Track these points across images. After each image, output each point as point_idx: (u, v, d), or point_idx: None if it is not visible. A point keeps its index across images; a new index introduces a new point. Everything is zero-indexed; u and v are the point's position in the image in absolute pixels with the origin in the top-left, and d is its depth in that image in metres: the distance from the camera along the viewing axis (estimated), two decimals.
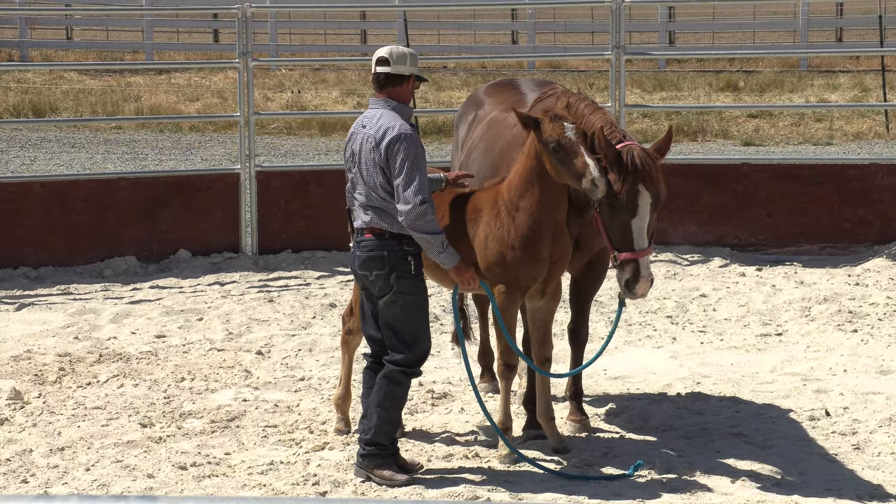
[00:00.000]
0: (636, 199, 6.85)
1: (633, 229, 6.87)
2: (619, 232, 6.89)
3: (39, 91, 23.20)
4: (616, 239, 6.91)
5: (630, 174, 6.83)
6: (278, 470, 7.01)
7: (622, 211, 6.85)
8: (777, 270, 11.61)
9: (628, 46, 15.02)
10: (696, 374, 8.79)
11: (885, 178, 12.13)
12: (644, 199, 6.87)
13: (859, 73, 25.33)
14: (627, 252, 6.86)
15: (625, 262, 6.87)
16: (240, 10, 12.13)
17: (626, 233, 6.87)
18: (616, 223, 6.89)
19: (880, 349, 9.32)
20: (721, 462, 7.11)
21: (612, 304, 10.48)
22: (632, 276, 6.86)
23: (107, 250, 11.80)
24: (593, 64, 26.63)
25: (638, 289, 6.86)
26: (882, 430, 7.57)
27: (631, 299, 7.06)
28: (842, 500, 6.55)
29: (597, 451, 7.28)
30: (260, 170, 12.23)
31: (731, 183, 12.26)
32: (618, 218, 6.87)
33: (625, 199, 6.82)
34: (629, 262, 6.86)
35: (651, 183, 6.88)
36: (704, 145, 18.94)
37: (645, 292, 6.90)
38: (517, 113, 6.91)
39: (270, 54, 27.63)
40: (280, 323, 10.14)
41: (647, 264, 6.88)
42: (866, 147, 18.65)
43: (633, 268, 6.86)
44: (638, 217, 6.87)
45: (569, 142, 6.66)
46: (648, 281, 6.87)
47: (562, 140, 6.67)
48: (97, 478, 6.90)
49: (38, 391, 8.39)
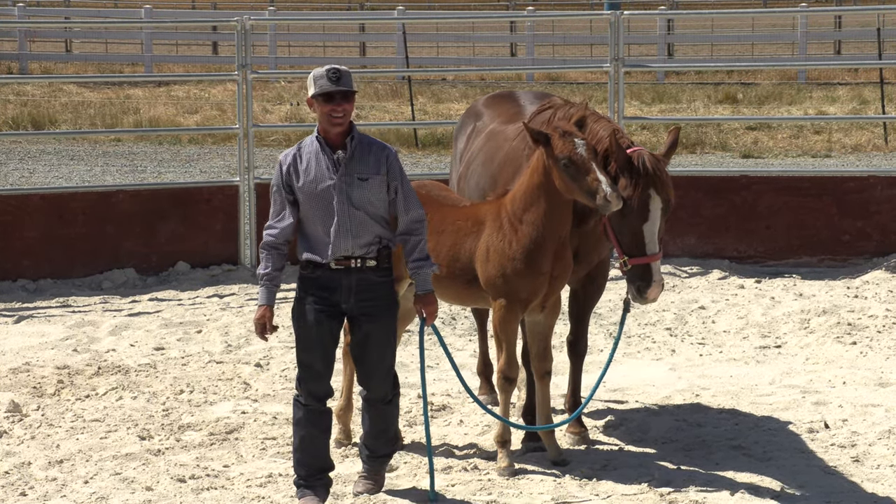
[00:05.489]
0: (648, 203, 6.87)
1: (644, 234, 6.88)
2: (630, 237, 6.91)
3: (38, 103, 23.23)
4: (627, 244, 6.92)
5: (641, 179, 6.85)
6: (277, 482, 7.00)
7: (633, 216, 6.87)
8: (776, 283, 11.62)
9: (627, 58, 15.06)
10: (695, 386, 8.79)
11: (884, 190, 12.15)
12: (655, 203, 6.89)
13: (858, 85, 25.37)
14: (639, 257, 6.88)
15: (636, 267, 6.88)
16: (239, 23, 12.16)
17: (638, 238, 6.89)
18: (627, 228, 6.90)
19: (879, 361, 9.32)
20: (720, 475, 7.10)
21: (611, 317, 10.49)
22: (643, 281, 6.87)
23: (106, 263, 11.80)
24: (592, 76, 26.66)
25: (650, 293, 6.88)
26: (881, 442, 7.56)
27: (641, 304, 7.08)
28: None
29: (596, 463, 7.28)
30: (259, 182, 12.24)
31: (730, 195, 12.28)
32: (629, 223, 6.89)
33: (636, 204, 6.84)
34: (641, 267, 6.87)
35: (662, 188, 6.91)
36: (703, 157, 18.97)
37: (656, 297, 6.92)
38: (527, 128, 6.84)
39: (269, 67, 27.66)
40: (279, 335, 10.13)
41: (659, 269, 6.90)
42: (865, 159, 18.68)
43: (644, 272, 6.87)
44: (649, 222, 6.89)
45: (580, 158, 6.64)
46: (660, 285, 6.89)
47: (573, 157, 6.64)
48: (96, 490, 6.90)
49: (36, 404, 8.39)
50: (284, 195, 6.49)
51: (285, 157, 6.51)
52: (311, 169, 6.44)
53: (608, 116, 8.73)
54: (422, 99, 23.63)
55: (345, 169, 6.42)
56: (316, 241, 6.54)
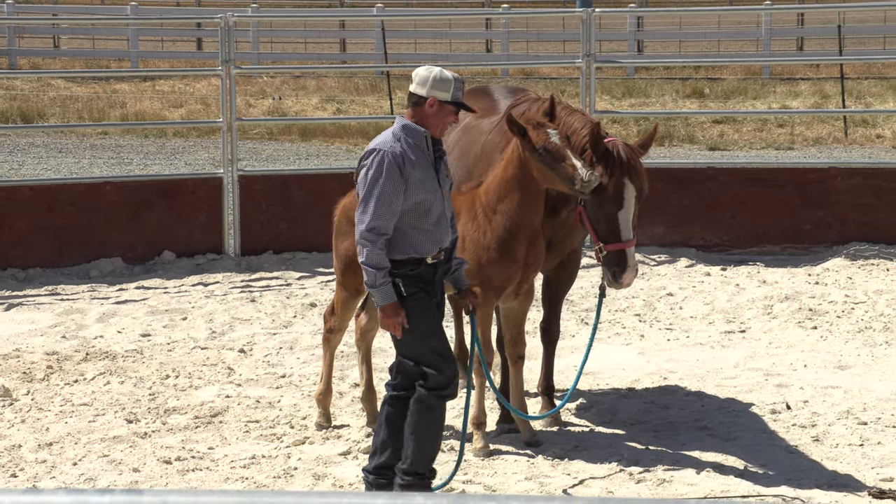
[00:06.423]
0: (622, 191, 6.91)
1: (619, 221, 6.92)
2: (605, 224, 6.93)
3: (27, 98, 23.10)
4: (602, 231, 6.95)
5: (617, 168, 6.89)
6: (260, 464, 7.01)
7: (609, 203, 6.90)
8: (741, 270, 11.67)
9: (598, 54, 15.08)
10: (662, 369, 8.83)
11: (844, 181, 12.20)
12: (629, 191, 6.93)
13: (819, 80, 25.46)
14: (615, 243, 6.91)
15: (611, 253, 6.91)
16: (223, 20, 12.12)
17: (613, 224, 6.92)
18: (602, 216, 6.93)
19: (838, 345, 9.38)
20: (686, 454, 7.14)
21: (583, 303, 10.52)
22: (619, 266, 6.90)
23: (93, 252, 11.76)
24: (564, 71, 26.67)
25: (625, 278, 6.91)
26: (840, 422, 7.62)
27: (616, 289, 7.11)
28: (802, 489, 6.60)
29: (568, 444, 7.31)
30: (242, 174, 12.21)
31: (697, 186, 12.31)
32: (604, 210, 6.92)
33: (612, 191, 6.87)
34: (616, 253, 6.90)
35: (636, 176, 6.95)
36: (671, 150, 19.01)
37: (631, 282, 6.96)
38: (510, 118, 6.78)
39: (252, 62, 27.57)
40: (262, 322, 10.13)
41: (633, 255, 6.94)
42: (826, 151, 18.76)
43: (620, 258, 6.90)
44: (624, 209, 6.92)
45: (554, 146, 6.66)
46: (634, 270, 6.93)
47: (548, 145, 6.67)
48: (84, 472, 6.89)
49: (26, 388, 8.36)
50: (396, 189, 6.08)
51: (393, 152, 6.08)
52: (420, 165, 6.15)
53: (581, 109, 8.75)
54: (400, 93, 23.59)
55: (443, 167, 6.31)
56: (419, 236, 6.20)
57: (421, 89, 6.20)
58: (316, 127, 20.54)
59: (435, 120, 6.22)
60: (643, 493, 6.61)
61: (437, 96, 6.19)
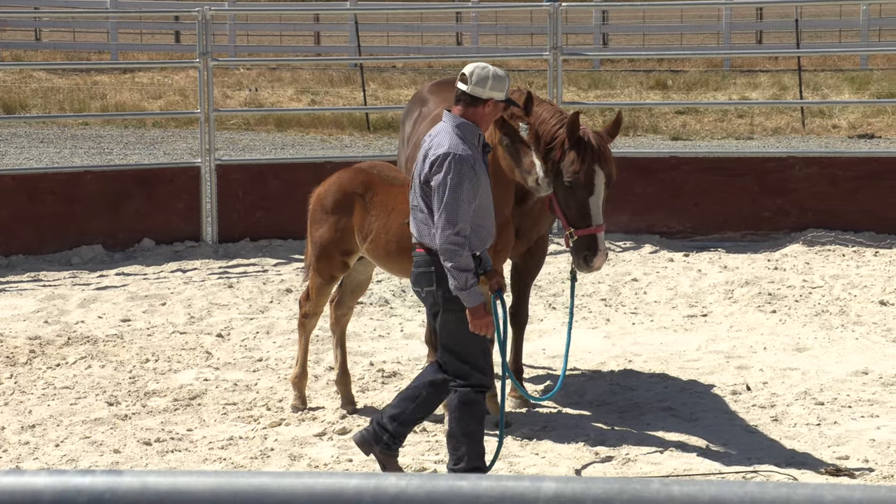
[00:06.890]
0: (592, 178, 6.91)
1: (590, 206, 6.92)
2: (576, 210, 6.93)
3: (10, 89, 22.90)
4: (573, 216, 6.95)
5: (587, 155, 6.89)
6: (237, 445, 6.99)
7: (580, 189, 6.90)
8: (703, 256, 11.71)
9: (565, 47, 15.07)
10: (627, 352, 8.85)
11: (802, 169, 12.25)
12: (599, 178, 6.94)
13: (778, 72, 25.55)
14: (585, 228, 6.91)
15: (582, 238, 6.91)
16: (200, 13, 12.04)
17: (584, 210, 6.92)
18: (573, 201, 6.93)
19: (797, 328, 9.43)
20: (651, 434, 7.16)
21: (551, 289, 10.53)
22: (590, 250, 6.90)
23: (74, 239, 11.69)
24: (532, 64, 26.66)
25: (595, 261, 6.90)
26: (798, 402, 7.66)
27: (587, 273, 7.11)
28: (761, 467, 6.63)
29: (536, 424, 7.32)
30: (219, 163, 12.16)
31: (661, 175, 12.34)
32: (575, 196, 6.92)
33: (582, 178, 6.87)
34: (587, 238, 6.90)
35: (605, 163, 6.96)
36: (636, 140, 19.05)
37: (601, 265, 6.97)
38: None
39: (229, 54, 27.42)
40: (239, 307, 10.10)
41: (603, 239, 6.94)
42: (784, 141, 18.84)
43: (590, 242, 6.90)
44: (594, 195, 6.93)
45: (521, 141, 6.66)
46: (604, 254, 6.94)
47: (514, 139, 6.67)
48: (66, 453, 6.85)
49: (9, 372, 8.31)
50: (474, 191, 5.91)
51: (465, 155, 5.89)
52: (479, 163, 6.01)
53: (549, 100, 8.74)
54: (373, 85, 23.55)
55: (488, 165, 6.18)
56: (481, 232, 6.05)
57: (480, 90, 6.01)
58: (291, 117, 20.46)
59: (489, 119, 6.14)
60: (609, 472, 6.63)
61: (494, 97, 6.05)
